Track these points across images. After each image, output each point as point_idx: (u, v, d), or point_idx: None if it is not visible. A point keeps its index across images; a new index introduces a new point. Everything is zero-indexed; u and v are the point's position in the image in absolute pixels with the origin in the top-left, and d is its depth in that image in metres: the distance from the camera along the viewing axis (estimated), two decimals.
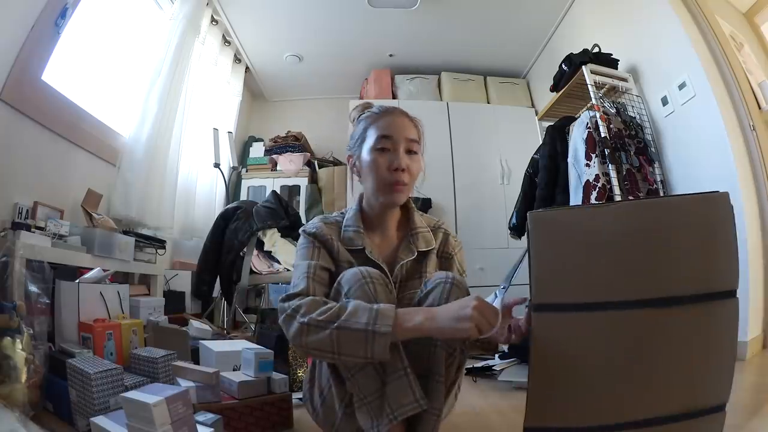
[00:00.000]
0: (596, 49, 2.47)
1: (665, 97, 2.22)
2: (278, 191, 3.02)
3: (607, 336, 0.74)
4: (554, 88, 2.68)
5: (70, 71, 2.00)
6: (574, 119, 2.40)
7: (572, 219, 0.77)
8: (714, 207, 0.74)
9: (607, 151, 2.12)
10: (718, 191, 0.73)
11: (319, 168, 3.77)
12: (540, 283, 0.74)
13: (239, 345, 1.48)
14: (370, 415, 0.77)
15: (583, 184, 2.19)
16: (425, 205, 3.23)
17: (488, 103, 3.88)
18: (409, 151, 0.95)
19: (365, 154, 0.96)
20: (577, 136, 2.29)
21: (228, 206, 2.59)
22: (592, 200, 2.11)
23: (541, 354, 0.75)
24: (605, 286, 0.74)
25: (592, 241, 0.74)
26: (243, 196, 3.61)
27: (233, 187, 3.53)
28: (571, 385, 0.75)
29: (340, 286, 0.84)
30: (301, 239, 0.96)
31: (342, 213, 1.02)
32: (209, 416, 0.93)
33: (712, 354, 0.74)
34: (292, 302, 0.81)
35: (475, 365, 1.81)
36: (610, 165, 2.11)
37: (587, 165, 2.18)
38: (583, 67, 2.33)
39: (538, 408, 0.75)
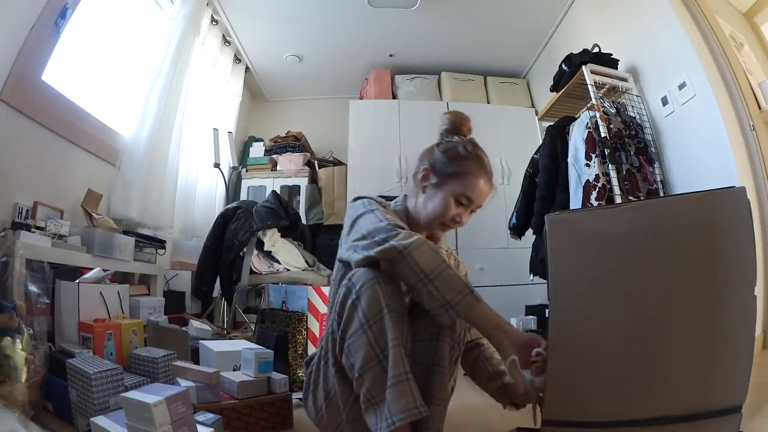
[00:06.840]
0: (596, 49, 2.47)
1: (665, 97, 2.22)
2: (278, 191, 3.02)
3: (621, 334, 0.75)
4: (554, 88, 2.67)
5: (70, 71, 2.00)
6: (574, 119, 2.40)
7: (590, 220, 0.81)
8: (731, 202, 0.74)
9: (607, 151, 2.12)
10: (734, 186, 0.73)
11: (319, 168, 3.76)
12: (558, 283, 0.78)
13: (239, 345, 1.48)
14: (377, 415, 0.77)
15: (583, 184, 2.19)
16: None
17: (488, 103, 3.87)
18: (473, 211, 1.08)
19: (445, 190, 1.04)
20: (577, 136, 2.28)
21: (228, 206, 2.58)
22: (592, 200, 2.11)
23: (557, 350, 0.76)
24: (620, 284, 0.76)
25: (609, 242, 0.76)
26: (243, 196, 3.60)
27: (233, 187, 3.53)
28: (587, 381, 0.76)
29: (351, 282, 0.83)
30: (363, 202, 1.00)
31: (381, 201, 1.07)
32: (209, 416, 0.93)
33: (727, 354, 0.74)
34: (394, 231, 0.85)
35: None
36: (610, 165, 2.11)
37: (587, 165, 2.18)
38: (583, 67, 2.32)
39: (555, 402, 0.77)
